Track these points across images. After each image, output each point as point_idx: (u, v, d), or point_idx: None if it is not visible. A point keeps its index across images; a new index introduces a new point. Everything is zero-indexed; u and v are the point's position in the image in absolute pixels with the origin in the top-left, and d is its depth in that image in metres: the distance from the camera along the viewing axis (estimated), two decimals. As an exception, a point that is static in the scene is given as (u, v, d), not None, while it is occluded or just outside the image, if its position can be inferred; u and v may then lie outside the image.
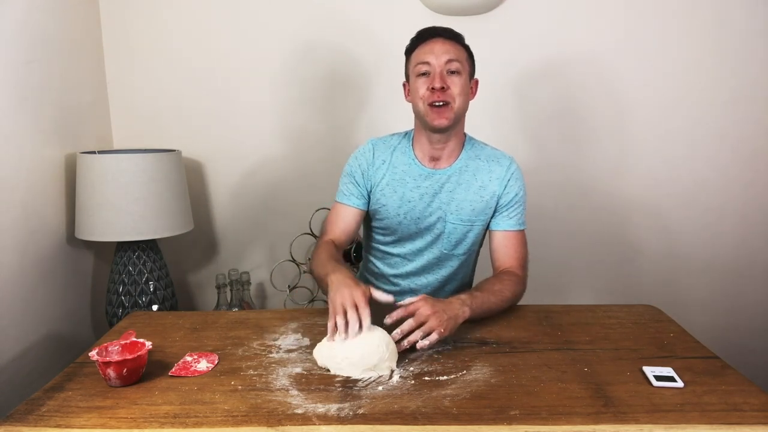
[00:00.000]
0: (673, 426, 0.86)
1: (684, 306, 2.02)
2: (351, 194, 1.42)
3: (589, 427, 0.86)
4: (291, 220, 2.05)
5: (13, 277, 1.50)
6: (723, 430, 0.85)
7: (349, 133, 2.02)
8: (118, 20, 1.95)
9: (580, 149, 2.01)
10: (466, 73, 1.32)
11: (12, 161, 1.50)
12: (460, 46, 1.33)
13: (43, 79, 1.64)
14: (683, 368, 1.04)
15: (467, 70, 1.33)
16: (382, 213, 1.41)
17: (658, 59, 1.93)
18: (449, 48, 1.30)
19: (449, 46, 1.30)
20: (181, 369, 1.05)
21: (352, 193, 1.42)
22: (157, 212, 1.67)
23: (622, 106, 1.97)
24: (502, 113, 1.99)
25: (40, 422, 0.89)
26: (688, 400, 0.93)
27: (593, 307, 1.36)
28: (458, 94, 1.30)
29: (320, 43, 1.97)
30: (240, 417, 0.89)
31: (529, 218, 1.45)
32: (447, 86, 1.29)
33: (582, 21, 1.92)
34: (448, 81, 1.29)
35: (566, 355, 1.10)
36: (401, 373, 1.03)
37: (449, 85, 1.29)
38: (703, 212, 2.02)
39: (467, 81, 1.33)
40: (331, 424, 0.87)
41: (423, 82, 1.31)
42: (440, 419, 0.88)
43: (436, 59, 1.29)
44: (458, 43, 1.33)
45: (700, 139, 1.98)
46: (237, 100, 2.00)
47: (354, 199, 1.42)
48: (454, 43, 1.32)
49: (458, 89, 1.30)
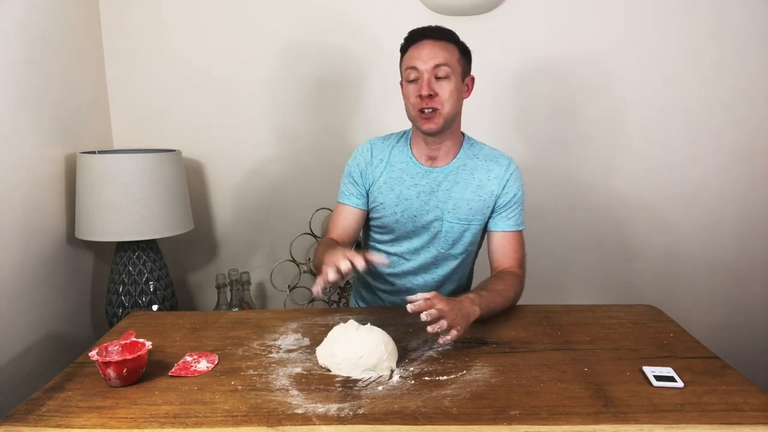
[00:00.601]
0: (673, 426, 0.86)
1: (684, 306, 2.03)
2: (351, 194, 1.43)
3: (589, 427, 0.86)
4: (291, 220, 2.05)
5: (13, 277, 1.50)
6: (723, 430, 0.85)
7: (350, 133, 2.02)
8: (118, 20, 1.95)
9: (580, 149, 2.01)
10: (456, 75, 1.30)
11: (12, 161, 1.50)
12: (452, 45, 1.31)
13: (43, 79, 1.64)
14: (683, 368, 1.04)
15: (459, 70, 1.31)
16: (380, 211, 1.41)
17: (658, 59, 1.93)
18: (438, 51, 1.28)
19: (438, 48, 1.28)
20: (181, 369, 1.05)
21: (351, 193, 1.43)
22: (157, 212, 1.67)
23: (622, 107, 1.97)
24: (501, 113, 1.99)
25: (40, 422, 0.89)
26: (688, 400, 0.93)
27: (593, 307, 1.36)
28: (447, 99, 1.28)
29: (320, 44, 1.97)
30: (240, 417, 0.89)
31: (529, 218, 1.45)
32: (435, 93, 1.28)
33: (582, 21, 1.92)
34: (436, 87, 1.28)
35: (566, 355, 1.10)
36: (401, 373, 1.03)
37: (437, 92, 1.28)
38: (703, 212, 2.02)
39: (458, 83, 1.31)
40: (331, 424, 0.87)
41: (412, 89, 1.30)
42: (440, 419, 0.88)
43: (423, 65, 1.27)
44: (449, 42, 1.30)
45: (700, 139, 1.98)
46: (237, 100, 2.00)
47: (354, 199, 1.43)
48: (445, 44, 1.30)
49: (447, 94, 1.28)
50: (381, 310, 1.37)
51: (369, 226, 1.49)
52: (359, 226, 1.45)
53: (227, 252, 2.13)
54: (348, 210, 1.43)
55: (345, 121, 2.02)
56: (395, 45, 1.38)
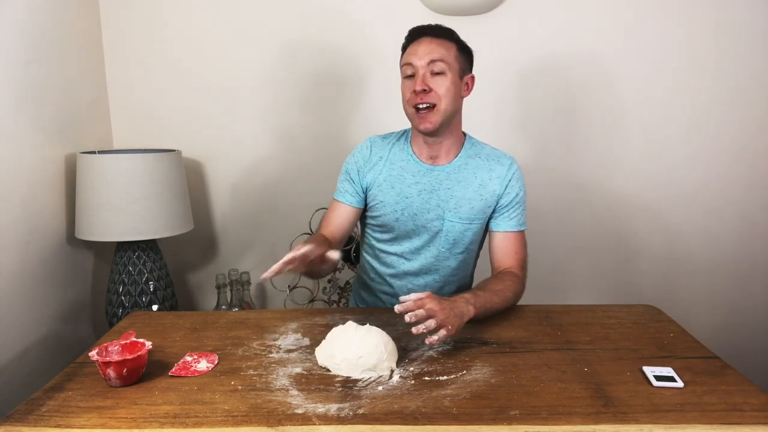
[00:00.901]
0: (673, 426, 0.86)
1: (684, 306, 2.02)
2: (346, 191, 1.42)
3: (589, 427, 0.86)
4: (291, 220, 2.05)
5: (14, 277, 1.50)
6: (723, 430, 0.85)
7: (349, 132, 2.02)
8: (118, 20, 1.95)
9: (581, 149, 2.01)
10: (454, 71, 1.29)
11: (12, 161, 1.50)
12: (451, 42, 1.30)
13: (43, 79, 1.64)
14: (683, 368, 1.04)
15: (456, 68, 1.30)
16: (380, 209, 1.41)
17: (659, 59, 1.93)
18: (434, 47, 1.27)
19: (435, 45, 1.28)
20: (181, 369, 1.05)
21: (346, 191, 1.42)
22: (157, 212, 1.67)
23: (623, 106, 1.97)
24: (502, 113, 1.99)
25: (40, 422, 0.89)
26: (688, 400, 0.93)
27: (593, 307, 1.36)
28: (443, 94, 1.27)
29: (321, 44, 1.96)
30: (240, 417, 0.89)
31: (529, 219, 1.45)
32: (429, 88, 1.26)
33: (582, 21, 1.92)
34: (431, 83, 1.27)
35: (566, 355, 1.10)
36: (401, 373, 1.03)
37: (432, 87, 1.27)
38: (703, 213, 2.02)
39: (456, 79, 1.29)
40: (331, 424, 0.87)
41: (408, 85, 1.30)
42: (440, 419, 0.88)
43: (419, 60, 1.27)
44: (448, 39, 1.29)
45: (700, 139, 1.98)
46: (237, 100, 2.00)
47: (348, 197, 1.42)
48: (442, 41, 1.29)
49: (443, 90, 1.27)
50: (381, 311, 1.37)
51: (368, 224, 1.49)
52: (352, 225, 1.44)
53: (227, 252, 2.13)
54: (342, 207, 1.42)
55: (345, 121, 2.02)
56: (395, 45, 1.38)
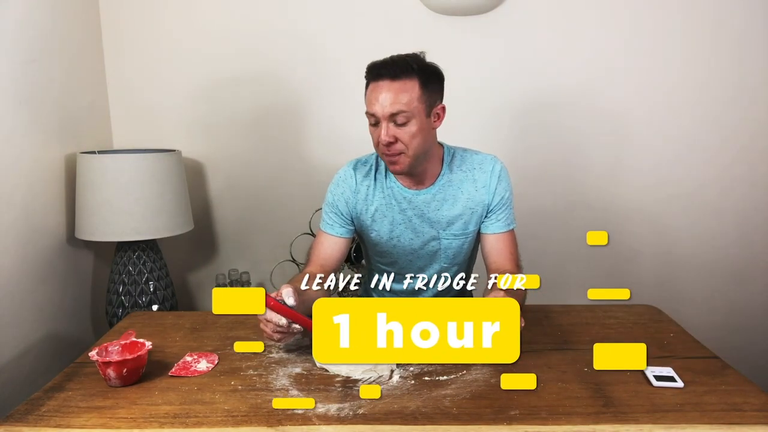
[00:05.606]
0: (673, 426, 0.86)
1: (684, 306, 2.02)
2: (334, 223, 1.39)
3: (589, 427, 0.86)
4: (291, 220, 2.05)
5: (13, 277, 1.50)
6: (723, 430, 0.85)
7: (349, 132, 2.01)
8: (118, 20, 1.95)
9: (580, 149, 2.01)
10: (419, 114, 1.23)
11: (12, 161, 1.50)
12: (412, 80, 1.22)
13: (43, 79, 1.64)
14: (683, 368, 1.04)
15: (422, 108, 1.23)
16: (375, 238, 1.39)
17: (659, 59, 1.93)
18: (394, 95, 1.20)
19: (395, 91, 1.21)
20: (181, 369, 1.05)
21: (335, 222, 1.39)
22: (157, 212, 1.67)
23: (623, 106, 1.97)
24: (500, 113, 1.99)
25: (40, 422, 0.89)
26: (688, 400, 0.93)
27: (593, 307, 1.36)
28: (409, 141, 1.23)
29: (321, 43, 1.96)
30: (240, 417, 0.89)
31: (529, 219, 1.45)
32: (395, 139, 1.23)
33: (582, 20, 1.92)
34: (396, 133, 1.23)
35: (566, 355, 1.10)
36: (401, 373, 1.03)
37: (398, 137, 1.23)
38: (703, 213, 2.02)
39: (422, 121, 1.24)
40: (331, 424, 0.87)
41: (374, 131, 1.27)
42: (440, 419, 0.88)
43: (381, 110, 1.22)
44: (408, 77, 1.22)
45: (700, 139, 1.97)
46: (237, 99, 2.00)
47: (338, 228, 1.38)
48: (403, 82, 1.21)
49: (408, 137, 1.23)
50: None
51: (366, 246, 1.47)
52: (343, 255, 1.41)
53: (227, 252, 2.13)
54: (332, 239, 1.39)
55: (345, 121, 2.01)
56: (396, 45, 1.37)
